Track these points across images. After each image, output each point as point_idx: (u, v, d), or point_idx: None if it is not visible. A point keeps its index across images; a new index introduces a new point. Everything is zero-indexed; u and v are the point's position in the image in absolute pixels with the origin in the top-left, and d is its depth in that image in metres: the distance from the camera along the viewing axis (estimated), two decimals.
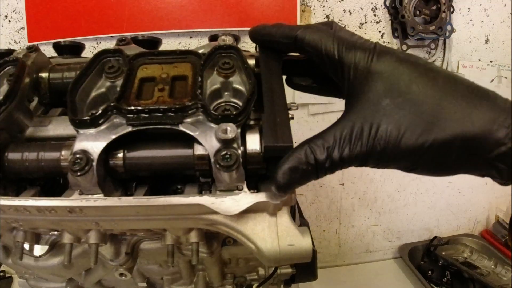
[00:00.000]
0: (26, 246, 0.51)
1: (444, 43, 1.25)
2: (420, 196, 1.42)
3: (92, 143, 0.36)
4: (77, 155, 0.35)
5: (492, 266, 1.31)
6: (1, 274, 1.17)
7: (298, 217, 0.60)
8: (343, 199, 1.37)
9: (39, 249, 0.56)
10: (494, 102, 0.33)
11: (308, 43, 0.39)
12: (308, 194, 1.34)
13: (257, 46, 0.46)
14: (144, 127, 0.37)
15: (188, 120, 0.37)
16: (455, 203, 1.46)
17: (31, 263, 0.56)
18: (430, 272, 1.29)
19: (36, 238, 0.50)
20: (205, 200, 0.36)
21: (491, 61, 1.30)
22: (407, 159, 0.33)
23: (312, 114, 1.21)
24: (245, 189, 0.37)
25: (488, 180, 0.36)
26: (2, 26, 1.09)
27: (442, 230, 1.49)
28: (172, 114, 0.37)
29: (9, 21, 1.09)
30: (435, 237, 1.40)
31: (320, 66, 0.40)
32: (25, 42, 1.09)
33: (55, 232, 0.51)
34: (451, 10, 1.20)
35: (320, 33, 0.39)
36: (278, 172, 0.34)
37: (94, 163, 0.35)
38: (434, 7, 1.17)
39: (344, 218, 1.40)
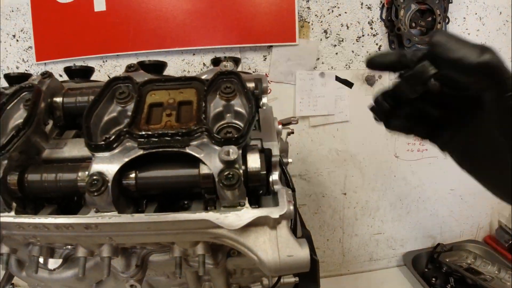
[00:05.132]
0: (41, 259, 0.53)
1: None
2: (422, 204, 1.43)
3: (107, 166, 0.39)
4: (94, 177, 0.38)
5: (496, 272, 1.30)
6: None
7: (300, 228, 0.62)
8: (346, 209, 1.37)
9: (53, 263, 0.58)
10: None
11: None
12: (311, 204, 1.34)
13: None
14: (154, 150, 0.40)
15: (194, 143, 0.40)
16: (457, 210, 1.46)
17: (46, 276, 0.58)
18: (434, 279, 1.29)
19: (51, 252, 0.53)
20: (210, 216, 0.39)
21: None
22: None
23: (313, 126, 1.22)
24: (247, 205, 0.39)
25: None
26: (10, 45, 1.13)
27: (445, 237, 1.48)
28: (179, 138, 0.40)
29: (17, 40, 1.12)
30: (439, 244, 1.40)
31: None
32: (33, 60, 1.12)
33: (69, 246, 0.54)
34: (447, 21, 1.22)
35: None
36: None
37: (109, 184, 0.38)
38: (430, 19, 1.19)
39: (347, 227, 1.40)
